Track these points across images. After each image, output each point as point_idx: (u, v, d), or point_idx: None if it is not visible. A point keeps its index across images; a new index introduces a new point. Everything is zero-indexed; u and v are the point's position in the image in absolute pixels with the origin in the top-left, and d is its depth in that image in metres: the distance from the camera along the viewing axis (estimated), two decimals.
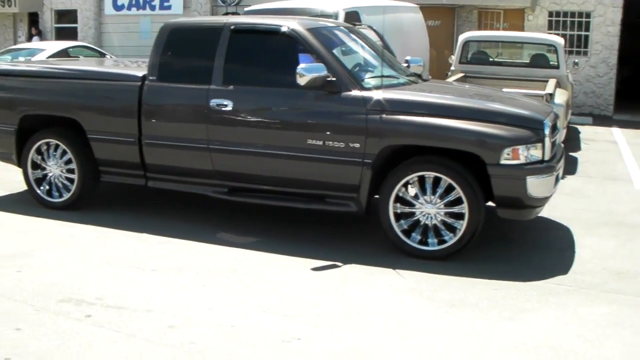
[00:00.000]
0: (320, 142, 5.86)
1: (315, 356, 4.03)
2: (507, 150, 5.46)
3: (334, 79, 5.82)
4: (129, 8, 18.87)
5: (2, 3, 19.38)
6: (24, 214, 6.89)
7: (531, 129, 5.58)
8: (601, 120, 15.14)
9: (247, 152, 6.13)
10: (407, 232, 5.78)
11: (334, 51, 6.09)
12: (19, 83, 7.21)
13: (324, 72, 5.75)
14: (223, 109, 6.17)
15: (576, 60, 12.29)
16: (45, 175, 7.10)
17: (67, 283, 5.09)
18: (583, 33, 15.87)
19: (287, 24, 6.23)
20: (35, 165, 7.11)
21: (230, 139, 6.19)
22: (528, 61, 11.85)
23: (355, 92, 5.83)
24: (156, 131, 6.49)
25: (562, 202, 7.34)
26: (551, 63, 11.10)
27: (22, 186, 7.87)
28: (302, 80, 5.72)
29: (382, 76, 5.95)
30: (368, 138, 5.72)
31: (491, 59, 11.90)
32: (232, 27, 6.34)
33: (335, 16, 9.35)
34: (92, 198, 7.13)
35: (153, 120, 6.50)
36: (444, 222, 5.67)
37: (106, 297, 4.83)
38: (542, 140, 5.57)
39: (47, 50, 13.99)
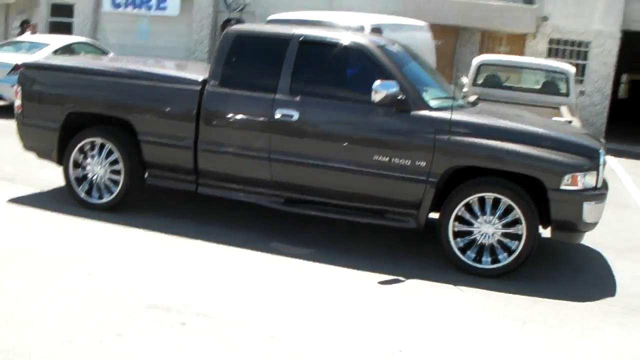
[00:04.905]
0: (387, 159, 6.03)
1: None
2: (567, 177, 5.74)
3: (404, 97, 6.00)
4: (125, 6, 18.68)
5: None
6: (64, 213, 6.80)
7: (588, 157, 5.89)
8: None
9: (310, 164, 6.24)
10: (463, 250, 6.00)
11: (403, 70, 6.27)
12: (69, 79, 7.12)
13: (396, 90, 5.93)
14: (288, 119, 6.28)
15: (582, 89, 12.72)
16: (85, 175, 7.05)
17: (146, 289, 5.12)
18: (581, 62, 16.42)
19: (357, 40, 6.41)
20: (76, 164, 7.06)
21: (293, 149, 6.29)
22: (539, 87, 12.21)
23: (424, 112, 6.03)
24: (214, 137, 6.54)
25: None
26: (561, 91, 11.49)
27: (48, 184, 7.86)
28: (377, 97, 5.89)
29: (453, 98, 6.16)
30: (435, 157, 5.92)
31: (503, 83, 12.23)
32: (300, 39, 6.45)
33: (360, 31, 9.49)
34: (134, 200, 7.12)
35: (212, 126, 6.54)
36: (499, 242, 5.91)
37: (191, 304, 4.88)
38: (597, 168, 5.88)
39: (52, 45, 13.76)
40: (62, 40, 14.49)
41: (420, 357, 4.37)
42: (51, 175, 7.94)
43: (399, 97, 5.98)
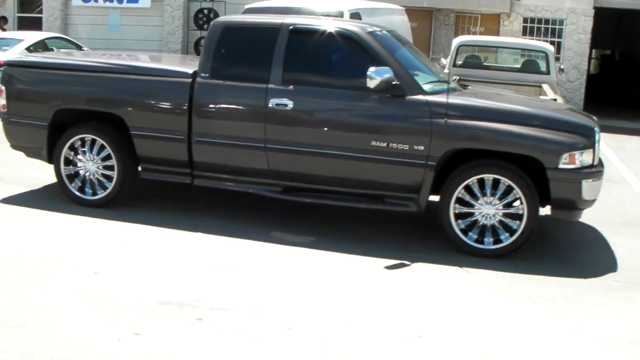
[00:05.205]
0: (385, 144, 6.04)
1: (442, 354, 4.24)
2: (565, 156, 5.80)
3: (398, 82, 6.00)
4: (96, 0, 18.36)
5: None
6: (59, 211, 6.71)
7: (584, 135, 5.95)
8: None
9: (307, 152, 6.22)
10: (465, 231, 6.04)
11: (395, 55, 6.26)
12: (55, 76, 7.00)
13: (390, 75, 5.92)
14: (283, 108, 6.24)
15: (562, 67, 12.81)
16: (77, 172, 6.96)
17: (155, 285, 5.08)
18: (556, 39, 16.58)
19: (347, 27, 6.39)
20: (67, 162, 6.95)
21: (289, 138, 6.27)
22: (519, 66, 12.27)
23: (419, 97, 6.04)
24: (208, 129, 6.49)
25: None
26: (541, 69, 11.57)
27: (37, 182, 7.74)
28: (372, 83, 5.87)
29: (448, 82, 6.18)
30: (432, 141, 5.93)
31: (483, 64, 12.28)
32: (290, 27, 6.40)
33: (340, 16, 9.44)
34: (127, 195, 7.04)
35: (205, 118, 6.49)
36: (501, 222, 5.95)
37: (203, 299, 4.85)
38: (592, 146, 5.96)
39: (25, 42, 13.44)
40: (36, 36, 14.16)
41: (439, 341, 4.40)
42: (39, 174, 7.83)
43: (393, 83, 5.97)
